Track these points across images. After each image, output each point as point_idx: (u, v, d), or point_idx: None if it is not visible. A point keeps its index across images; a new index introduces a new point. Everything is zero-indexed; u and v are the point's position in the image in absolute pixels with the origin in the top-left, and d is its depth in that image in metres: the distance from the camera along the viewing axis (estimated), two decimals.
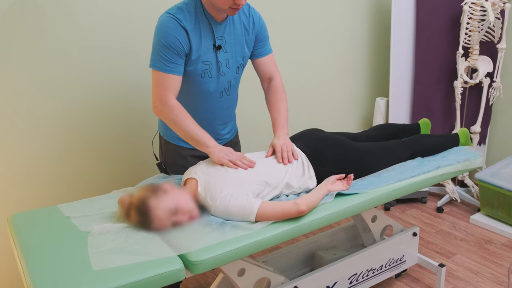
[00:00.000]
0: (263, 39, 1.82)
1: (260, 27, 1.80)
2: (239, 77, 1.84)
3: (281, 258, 2.03)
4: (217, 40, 1.69)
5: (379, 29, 3.22)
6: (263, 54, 1.84)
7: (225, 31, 1.71)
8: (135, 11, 2.16)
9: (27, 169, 2.03)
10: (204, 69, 1.69)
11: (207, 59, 1.68)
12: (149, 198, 1.44)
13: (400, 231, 2.15)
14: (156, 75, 1.63)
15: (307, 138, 1.86)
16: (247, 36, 1.77)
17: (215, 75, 1.72)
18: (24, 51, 1.93)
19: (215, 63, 1.70)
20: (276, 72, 1.88)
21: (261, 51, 1.83)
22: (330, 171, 1.74)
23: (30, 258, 1.30)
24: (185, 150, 1.85)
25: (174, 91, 1.65)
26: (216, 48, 1.69)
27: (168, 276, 1.26)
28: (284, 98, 1.86)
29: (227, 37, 1.71)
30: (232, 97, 1.85)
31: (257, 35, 1.80)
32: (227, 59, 1.73)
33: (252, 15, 1.77)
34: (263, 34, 1.82)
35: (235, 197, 1.50)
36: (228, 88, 1.79)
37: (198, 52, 1.65)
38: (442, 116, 3.09)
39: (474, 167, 2.03)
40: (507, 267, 2.40)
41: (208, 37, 1.67)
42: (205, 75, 1.70)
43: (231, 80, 1.78)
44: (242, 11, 1.75)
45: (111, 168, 2.27)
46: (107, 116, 2.20)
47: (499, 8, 2.70)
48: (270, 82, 1.88)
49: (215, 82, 1.74)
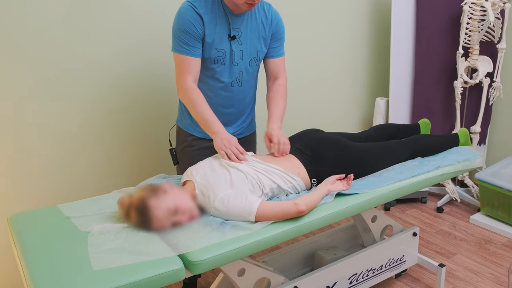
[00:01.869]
0: (279, 39, 1.89)
1: (277, 28, 1.87)
2: (254, 72, 1.90)
3: (281, 258, 2.03)
4: (232, 31, 1.77)
5: (379, 29, 3.22)
6: (276, 56, 1.91)
7: (242, 24, 1.79)
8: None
9: (27, 169, 2.03)
10: (218, 56, 1.77)
11: (221, 47, 1.77)
12: (148, 198, 1.43)
13: (400, 231, 2.15)
14: (176, 57, 1.75)
15: (307, 138, 1.85)
16: (263, 32, 1.84)
17: (228, 63, 1.80)
18: (24, 49, 1.93)
19: (229, 52, 1.79)
20: (283, 74, 1.95)
21: (274, 51, 1.90)
22: (330, 171, 1.74)
23: (30, 258, 1.30)
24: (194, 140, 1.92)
25: (193, 73, 1.75)
26: (231, 38, 1.76)
27: (168, 276, 1.26)
28: (284, 97, 1.91)
29: (243, 30, 1.79)
30: (244, 90, 1.90)
31: (273, 34, 1.87)
32: (241, 51, 1.81)
33: (272, 14, 1.86)
34: (280, 35, 1.89)
35: (233, 198, 1.50)
36: (239, 78, 1.85)
37: (212, 37, 1.74)
38: (442, 116, 3.09)
39: (474, 167, 2.03)
40: (507, 267, 2.40)
41: (224, 26, 1.76)
42: (218, 61, 1.78)
43: (243, 71, 1.84)
44: (262, 8, 1.84)
45: (111, 168, 2.27)
46: (107, 116, 2.20)
47: (499, 8, 2.70)
48: (275, 80, 1.94)
49: (228, 71, 1.81)
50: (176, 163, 2.01)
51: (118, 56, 2.17)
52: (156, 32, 2.24)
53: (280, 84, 1.92)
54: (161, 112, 2.35)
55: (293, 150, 1.81)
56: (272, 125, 1.82)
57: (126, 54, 2.19)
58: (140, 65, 2.24)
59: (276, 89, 1.91)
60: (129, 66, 2.21)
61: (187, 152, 1.94)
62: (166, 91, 2.34)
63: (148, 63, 2.26)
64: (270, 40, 1.87)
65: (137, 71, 2.24)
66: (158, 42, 2.25)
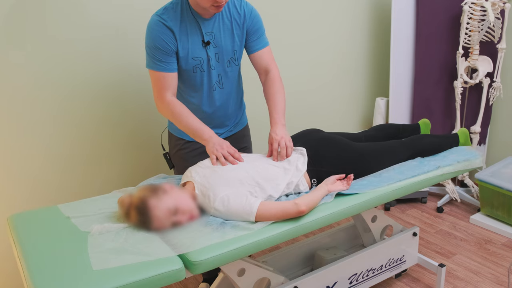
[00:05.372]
0: (256, 31, 1.82)
1: (251, 20, 1.80)
2: (234, 72, 1.86)
3: (281, 258, 2.03)
4: (205, 36, 1.73)
5: (379, 29, 3.23)
6: (258, 48, 1.84)
7: (214, 27, 1.74)
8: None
9: (27, 169, 2.03)
10: (195, 65, 1.75)
11: (197, 55, 1.74)
12: (149, 198, 1.43)
13: (400, 231, 2.15)
14: (151, 75, 1.73)
15: (307, 139, 1.85)
16: (237, 30, 1.79)
17: (206, 69, 1.78)
18: (25, 47, 1.93)
19: (206, 58, 1.76)
20: (272, 65, 1.87)
21: (255, 44, 1.84)
22: (330, 171, 1.74)
23: (30, 258, 1.30)
24: (186, 143, 1.92)
25: (171, 88, 1.73)
26: (205, 43, 1.73)
27: (168, 276, 1.26)
28: (281, 90, 1.84)
29: (216, 32, 1.75)
30: (227, 91, 1.87)
31: (248, 28, 1.80)
32: (217, 53, 1.77)
33: (244, 8, 1.79)
34: (256, 27, 1.82)
35: (233, 198, 1.50)
36: (219, 81, 1.82)
37: (185, 49, 1.71)
38: (442, 116, 3.09)
39: (474, 167, 2.03)
40: (507, 267, 2.40)
41: (196, 34, 1.72)
42: (197, 70, 1.76)
43: (221, 73, 1.82)
44: (233, 5, 1.78)
45: (111, 168, 2.27)
46: (107, 116, 2.21)
47: (499, 8, 2.70)
48: (267, 75, 1.87)
49: (207, 76, 1.79)
50: (172, 167, 2.00)
51: (116, 55, 2.17)
52: None
53: (272, 77, 1.85)
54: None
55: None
56: (274, 128, 1.77)
57: (125, 52, 2.19)
58: (139, 65, 2.24)
59: (270, 84, 1.84)
60: (128, 67, 2.21)
61: (181, 155, 1.93)
62: None
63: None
64: (246, 35, 1.80)
65: (137, 72, 2.24)
66: None
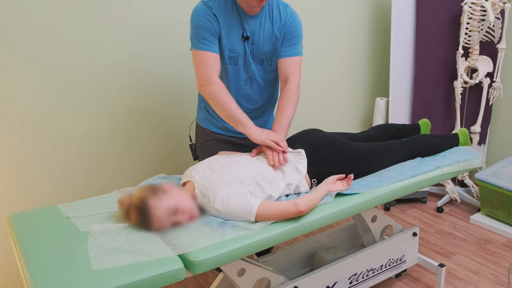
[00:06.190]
0: (291, 39, 1.84)
1: (290, 27, 1.83)
2: (267, 72, 1.89)
3: (281, 258, 2.03)
4: (245, 32, 1.78)
5: (379, 28, 3.22)
6: (287, 55, 1.85)
7: (255, 25, 1.79)
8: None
9: (27, 169, 2.03)
10: (231, 56, 1.80)
11: (234, 47, 1.79)
12: (148, 198, 1.43)
13: (400, 231, 2.15)
14: (196, 55, 1.75)
15: (306, 139, 1.85)
16: (277, 33, 1.82)
17: (242, 63, 1.83)
18: (27, 46, 1.93)
19: (242, 53, 1.81)
20: (294, 76, 1.85)
21: (286, 50, 1.84)
22: (330, 171, 1.74)
23: (30, 258, 1.30)
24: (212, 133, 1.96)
25: (216, 69, 1.75)
26: (244, 38, 1.78)
27: (168, 276, 1.26)
28: (291, 103, 1.82)
29: (256, 30, 1.80)
30: (256, 89, 1.91)
31: (285, 34, 1.83)
32: (253, 51, 1.82)
33: (287, 13, 1.83)
34: (293, 35, 1.84)
35: (233, 198, 1.49)
36: (252, 77, 1.87)
37: (226, 37, 1.76)
38: (442, 116, 3.09)
39: (474, 167, 2.03)
40: (507, 267, 2.40)
41: (237, 27, 1.77)
42: (231, 62, 1.81)
43: (254, 70, 1.86)
44: (278, 9, 1.82)
45: (111, 168, 2.27)
46: (107, 116, 2.20)
47: (499, 8, 2.70)
48: (285, 84, 1.86)
49: (240, 70, 1.84)
50: (196, 159, 2.04)
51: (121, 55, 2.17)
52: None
53: (288, 89, 1.83)
54: (161, 113, 2.35)
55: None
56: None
57: (127, 54, 2.19)
58: (136, 67, 2.24)
59: (284, 95, 1.83)
60: (126, 68, 2.21)
61: (206, 146, 1.97)
62: (165, 91, 2.35)
63: (144, 65, 2.27)
64: (282, 39, 1.83)
65: (137, 73, 2.24)
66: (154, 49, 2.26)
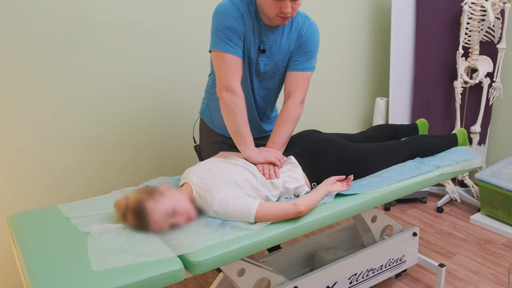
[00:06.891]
0: (305, 53, 1.76)
1: (307, 41, 1.75)
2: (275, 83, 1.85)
3: (281, 258, 2.03)
4: (262, 44, 1.70)
5: (379, 28, 3.22)
6: (296, 69, 1.76)
7: (274, 39, 1.71)
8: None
9: (27, 169, 2.03)
10: (247, 63, 1.72)
11: (252, 56, 1.72)
12: (145, 201, 1.42)
13: (400, 231, 2.15)
14: (221, 57, 1.62)
15: (305, 140, 1.85)
16: (292, 47, 1.75)
17: (254, 71, 1.76)
18: (28, 46, 1.93)
19: (255, 63, 1.73)
20: (297, 91, 1.77)
21: (296, 63, 1.76)
22: (329, 172, 1.73)
23: (30, 258, 1.30)
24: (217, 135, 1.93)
25: (239, 75, 1.65)
26: (260, 51, 1.71)
27: (168, 276, 1.26)
28: (289, 120, 1.76)
29: (273, 45, 1.72)
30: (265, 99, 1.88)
31: (300, 46, 1.75)
32: (266, 64, 1.75)
33: (306, 28, 1.74)
34: (308, 49, 1.76)
35: (232, 200, 1.48)
36: (258, 87, 1.82)
37: (248, 43, 1.67)
38: (442, 116, 3.09)
39: (474, 167, 2.04)
40: (507, 267, 2.40)
41: (256, 37, 1.69)
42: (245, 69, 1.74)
43: (263, 81, 1.81)
44: (296, 21, 1.73)
45: (111, 168, 2.27)
46: (106, 116, 2.20)
47: (499, 8, 2.70)
48: (287, 98, 1.80)
49: (252, 78, 1.77)
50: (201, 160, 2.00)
51: (123, 56, 2.17)
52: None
53: (289, 105, 1.76)
54: (161, 113, 2.35)
55: (291, 154, 1.80)
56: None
57: (129, 54, 2.19)
58: (136, 68, 2.24)
59: (283, 111, 1.77)
60: (126, 69, 2.21)
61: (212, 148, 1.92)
62: (165, 91, 2.35)
63: (145, 66, 2.26)
64: (295, 52, 1.75)
65: (138, 74, 2.24)
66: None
